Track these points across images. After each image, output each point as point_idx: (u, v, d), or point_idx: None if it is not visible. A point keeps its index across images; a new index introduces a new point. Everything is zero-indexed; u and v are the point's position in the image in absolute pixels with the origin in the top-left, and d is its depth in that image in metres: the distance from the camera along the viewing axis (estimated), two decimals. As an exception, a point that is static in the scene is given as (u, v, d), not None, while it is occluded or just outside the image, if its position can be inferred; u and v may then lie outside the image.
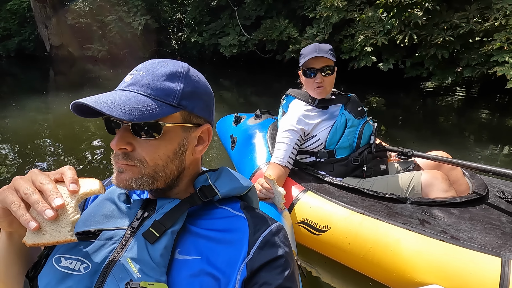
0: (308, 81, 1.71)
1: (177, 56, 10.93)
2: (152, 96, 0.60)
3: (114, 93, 0.61)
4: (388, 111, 5.59)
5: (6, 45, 11.37)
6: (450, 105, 6.16)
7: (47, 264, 0.60)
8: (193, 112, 0.65)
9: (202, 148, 0.70)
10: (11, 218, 0.55)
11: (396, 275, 1.34)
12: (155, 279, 0.55)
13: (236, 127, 2.47)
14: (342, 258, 1.53)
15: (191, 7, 9.55)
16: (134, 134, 0.61)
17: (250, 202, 0.78)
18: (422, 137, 4.09)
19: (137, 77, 0.62)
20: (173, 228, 0.61)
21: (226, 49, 8.62)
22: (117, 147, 0.61)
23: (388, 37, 5.65)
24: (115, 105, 0.56)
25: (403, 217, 1.43)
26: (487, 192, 1.61)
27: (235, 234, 0.64)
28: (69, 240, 0.53)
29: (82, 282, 0.56)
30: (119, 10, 9.96)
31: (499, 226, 1.36)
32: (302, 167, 1.85)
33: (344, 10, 6.12)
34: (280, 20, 7.77)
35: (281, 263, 0.61)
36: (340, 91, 1.90)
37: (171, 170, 0.66)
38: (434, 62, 5.64)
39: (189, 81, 0.65)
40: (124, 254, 0.58)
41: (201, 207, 0.69)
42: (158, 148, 0.62)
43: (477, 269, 1.18)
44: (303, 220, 1.58)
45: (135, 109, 0.57)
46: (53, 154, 3.15)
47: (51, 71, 9.40)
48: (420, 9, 5.32)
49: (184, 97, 0.63)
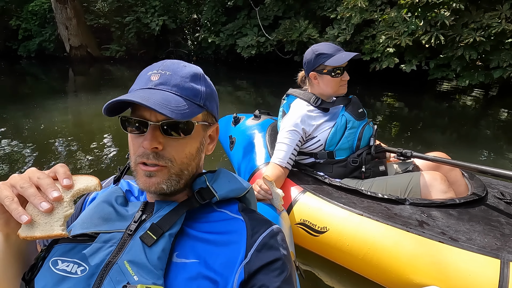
0: (335, 80, 1.74)
1: (193, 57, 11.20)
2: (183, 96, 0.65)
3: (150, 92, 0.63)
4: (403, 112, 5.58)
5: (27, 46, 11.88)
6: (467, 107, 6.12)
7: (44, 266, 0.62)
8: (212, 112, 0.73)
9: (212, 146, 0.77)
10: (8, 215, 0.57)
11: (395, 276, 1.37)
12: (153, 282, 0.57)
13: (235, 127, 2.52)
14: (341, 260, 1.57)
15: (207, 7, 9.77)
16: (163, 133, 0.64)
17: (248, 203, 0.80)
18: (436, 139, 4.09)
19: (165, 77, 0.66)
20: (171, 231, 0.63)
21: (244, 50, 8.76)
22: (151, 146, 0.63)
23: (412, 37, 5.61)
24: (161, 104, 0.60)
25: (402, 218, 1.46)
26: (486, 193, 1.63)
27: (233, 237, 0.66)
28: (60, 234, 0.55)
29: (79, 285, 0.57)
30: (137, 11, 10.35)
31: (498, 228, 1.38)
32: (301, 168, 1.89)
33: (366, 10, 6.14)
34: (300, 21, 7.84)
35: (279, 265, 0.63)
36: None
37: (192, 168, 0.70)
38: (461, 63, 5.56)
39: (207, 83, 0.72)
40: (121, 257, 0.60)
41: (198, 210, 0.71)
42: (185, 147, 0.67)
43: (476, 271, 1.21)
44: (302, 221, 1.62)
45: (176, 107, 0.61)
46: (71, 154, 3.30)
47: (70, 71, 9.78)
48: (447, 9, 5.27)
49: (207, 98, 0.70)
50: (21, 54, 12.16)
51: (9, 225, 0.60)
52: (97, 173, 2.87)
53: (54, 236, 0.55)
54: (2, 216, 0.59)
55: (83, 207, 0.81)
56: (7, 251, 0.63)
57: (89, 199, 0.82)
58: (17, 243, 0.64)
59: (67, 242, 0.63)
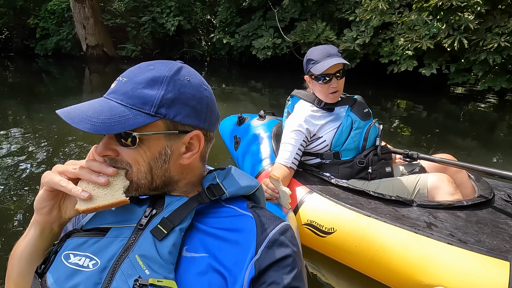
0: (323, 87, 1.77)
1: (206, 57, 11.38)
2: (128, 105, 0.62)
3: (93, 102, 0.65)
4: (417, 115, 5.58)
5: (44, 44, 12.29)
6: (481, 111, 6.07)
7: (56, 260, 0.63)
8: (175, 120, 0.65)
9: (190, 155, 0.70)
10: (53, 203, 0.63)
11: (403, 278, 1.39)
12: (164, 276, 0.58)
13: (240, 127, 2.56)
14: (348, 261, 1.60)
15: (222, 8, 9.93)
16: (116, 141, 0.65)
17: (258, 201, 0.81)
18: (449, 141, 4.09)
19: (119, 85, 0.65)
20: (181, 226, 0.64)
21: (259, 52, 8.83)
22: (101, 154, 0.65)
23: (434, 41, 5.59)
24: (86, 117, 0.60)
25: (410, 219, 1.48)
26: (493, 195, 1.65)
27: (242, 233, 0.67)
28: (124, 200, 0.62)
29: (91, 278, 0.58)
30: (153, 11, 10.61)
31: (506, 230, 1.40)
32: (307, 169, 1.92)
33: (386, 13, 6.15)
34: (317, 23, 7.89)
35: (289, 262, 0.64)
36: (347, 93, 1.96)
37: (153, 178, 0.68)
38: (484, 68, 5.50)
39: (172, 87, 0.65)
40: (132, 251, 0.61)
41: (208, 206, 0.72)
42: (137, 156, 0.65)
43: (485, 273, 1.23)
44: (309, 222, 1.66)
45: (105, 120, 0.60)
46: (86, 151, 3.40)
47: (86, 70, 10.07)
48: (471, 13, 5.23)
49: (163, 105, 0.63)
50: (38, 53, 12.57)
51: (52, 214, 0.66)
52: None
53: (118, 204, 0.62)
54: (48, 203, 0.64)
55: None
56: (40, 245, 0.68)
57: None
58: (49, 237, 0.69)
59: (79, 236, 0.66)
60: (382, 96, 6.76)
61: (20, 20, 12.53)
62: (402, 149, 1.91)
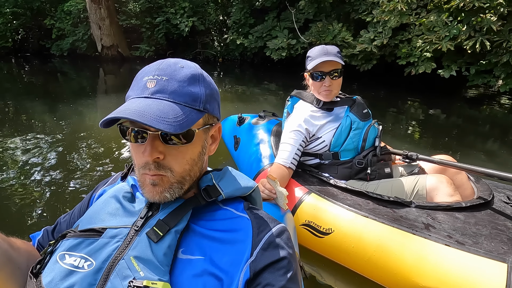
0: (316, 84, 1.82)
1: (219, 58, 11.52)
2: (182, 103, 0.65)
3: (146, 103, 0.63)
4: (429, 117, 5.55)
5: (60, 45, 12.66)
6: (497, 112, 6.02)
7: (51, 260, 0.65)
8: (213, 114, 0.71)
9: (214, 147, 0.77)
10: None
11: (400, 279, 1.41)
12: (158, 278, 0.60)
13: (240, 127, 2.62)
14: (346, 261, 1.62)
15: (235, 9, 10.05)
16: (163, 142, 0.65)
17: (254, 202, 0.83)
18: (463, 144, 4.07)
19: (162, 83, 0.65)
20: (177, 228, 0.66)
21: (274, 53, 8.89)
22: (152, 157, 0.64)
23: (454, 42, 5.53)
24: (157, 117, 0.60)
25: (408, 221, 1.50)
26: (492, 197, 1.65)
27: (238, 235, 0.69)
28: None
29: (85, 279, 0.60)
30: (167, 12, 10.85)
31: (504, 232, 1.40)
32: (306, 169, 1.95)
33: (405, 14, 6.13)
34: (334, 24, 7.90)
35: (284, 264, 0.66)
36: (346, 93, 1.99)
37: (195, 172, 0.72)
38: (506, 70, 5.42)
39: (207, 84, 0.70)
40: (127, 253, 0.62)
41: (204, 207, 0.74)
42: (186, 154, 0.67)
43: (483, 275, 1.24)
44: (307, 222, 1.69)
45: (174, 119, 0.61)
46: (100, 152, 3.50)
47: (101, 70, 10.32)
48: (494, 14, 5.17)
49: (207, 100, 0.69)
50: (54, 53, 12.95)
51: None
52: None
53: None
54: None
55: (90, 203, 0.85)
56: None
57: (97, 195, 0.85)
58: None
59: (75, 236, 0.67)
60: (395, 98, 6.73)
61: (37, 20, 12.97)
62: (402, 150, 1.93)
